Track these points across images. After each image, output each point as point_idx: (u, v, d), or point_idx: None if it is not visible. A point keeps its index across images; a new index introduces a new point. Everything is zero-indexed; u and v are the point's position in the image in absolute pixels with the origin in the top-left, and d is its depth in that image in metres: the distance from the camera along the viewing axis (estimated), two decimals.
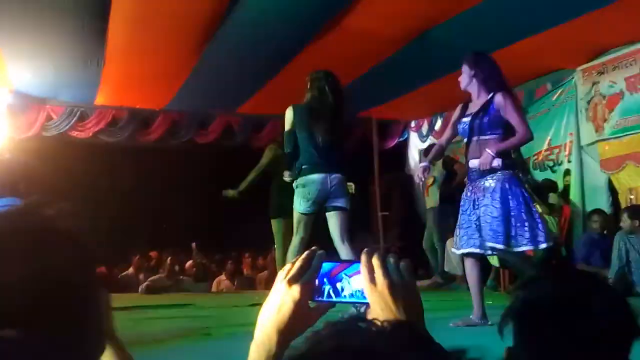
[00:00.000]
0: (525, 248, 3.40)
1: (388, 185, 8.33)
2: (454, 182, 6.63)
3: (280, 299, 0.82)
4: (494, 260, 5.75)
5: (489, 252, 3.49)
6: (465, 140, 3.64)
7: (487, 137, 3.47)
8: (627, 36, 5.40)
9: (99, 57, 5.70)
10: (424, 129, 8.40)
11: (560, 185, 6.12)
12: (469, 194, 3.59)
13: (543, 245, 3.36)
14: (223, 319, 3.78)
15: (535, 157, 6.63)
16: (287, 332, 0.80)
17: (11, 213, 0.68)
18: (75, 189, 7.31)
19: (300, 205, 3.81)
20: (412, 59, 5.74)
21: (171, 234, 8.14)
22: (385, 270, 0.81)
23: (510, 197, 3.36)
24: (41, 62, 5.89)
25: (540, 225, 3.37)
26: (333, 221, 3.83)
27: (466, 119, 3.60)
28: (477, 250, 3.45)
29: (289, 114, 3.89)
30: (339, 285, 0.86)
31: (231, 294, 6.93)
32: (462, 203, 3.63)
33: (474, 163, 3.49)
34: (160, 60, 5.86)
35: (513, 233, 3.34)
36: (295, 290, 0.81)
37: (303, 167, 3.82)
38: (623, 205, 5.56)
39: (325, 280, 0.86)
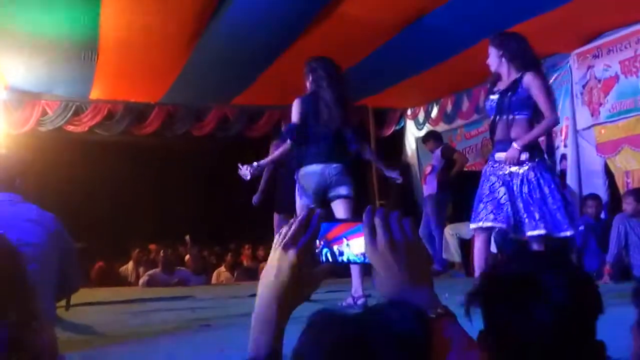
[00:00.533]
0: (567, 233, 3.34)
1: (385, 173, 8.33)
2: (452, 170, 6.64)
3: (276, 266, 0.78)
4: (493, 247, 5.77)
5: (519, 234, 3.39)
6: (492, 118, 3.58)
7: (515, 116, 3.39)
8: (621, 19, 5.39)
9: (92, 51, 5.68)
10: (421, 116, 8.39)
11: (557, 170, 6.12)
12: (496, 171, 3.43)
13: (571, 232, 3.34)
14: (223, 309, 3.80)
15: None
16: (286, 300, 0.77)
17: None
18: (72, 183, 7.32)
19: (300, 199, 3.79)
20: (408, 46, 5.73)
21: (169, 227, 8.15)
22: (387, 228, 0.77)
23: (543, 184, 3.30)
24: (35, 58, 5.86)
25: (571, 209, 3.38)
26: (338, 211, 3.72)
27: (494, 97, 3.53)
28: (500, 225, 3.34)
29: (297, 106, 3.80)
30: (338, 247, 0.81)
31: (231, 285, 6.95)
32: (486, 176, 3.48)
33: (500, 157, 3.40)
34: (154, 54, 5.84)
35: (551, 219, 3.27)
36: (292, 255, 0.78)
37: (304, 158, 3.77)
38: (620, 189, 5.57)
39: (323, 242, 0.81)
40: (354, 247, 0.81)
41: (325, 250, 0.81)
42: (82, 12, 4.93)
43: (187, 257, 7.86)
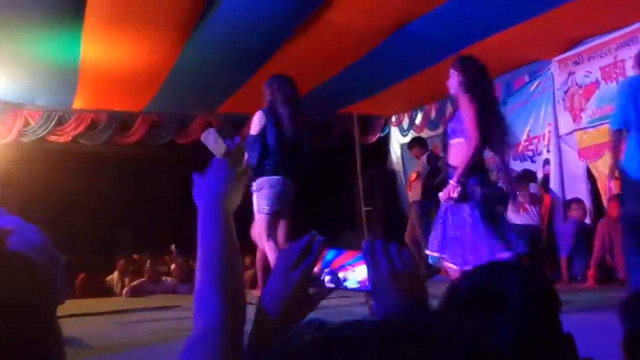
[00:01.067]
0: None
1: (371, 180, 8.37)
2: (437, 177, 6.67)
3: (280, 283, 0.83)
4: None
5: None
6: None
7: (452, 141, 3.42)
8: (602, 27, 5.48)
9: (75, 61, 5.63)
10: (405, 123, 8.44)
11: (540, 175, 6.20)
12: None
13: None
14: None
15: (515, 148, 6.70)
16: (286, 317, 0.81)
17: None
18: (55, 193, 7.24)
19: (264, 207, 3.82)
20: (391, 54, 5.77)
21: (154, 236, 8.09)
22: (388, 257, 0.82)
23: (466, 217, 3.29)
24: (16, 67, 5.80)
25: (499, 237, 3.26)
26: (280, 230, 3.92)
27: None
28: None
29: (258, 118, 3.96)
30: (341, 274, 0.87)
31: None
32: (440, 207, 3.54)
33: (439, 196, 3.44)
34: (137, 62, 5.81)
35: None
36: (295, 275, 0.83)
37: (267, 168, 3.87)
38: (602, 194, 5.65)
39: (329, 269, 0.87)
40: (357, 275, 0.87)
41: (329, 276, 0.87)
42: (65, 24, 4.90)
43: (173, 266, 7.81)
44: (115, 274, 7.58)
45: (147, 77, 6.16)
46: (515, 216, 5.84)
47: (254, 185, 3.88)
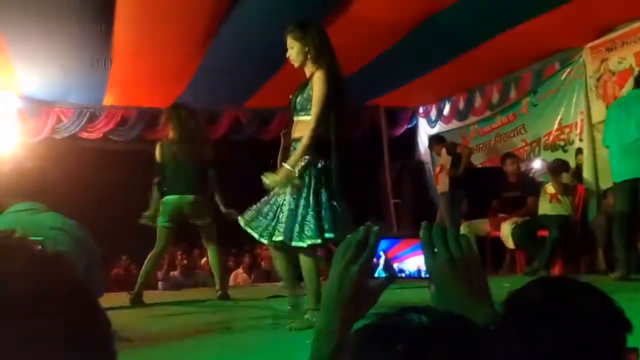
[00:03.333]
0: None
1: (399, 172, 8.33)
2: (460, 164, 6.65)
3: (339, 282, 0.81)
4: (510, 243, 5.75)
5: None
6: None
7: (300, 117, 3.19)
8: (635, 11, 5.34)
9: (105, 58, 5.72)
10: (433, 114, 8.37)
11: (573, 165, 6.08)
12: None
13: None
14: (243, 312, 3.81)
15: (546, 137, 6.60)
16: (349, 314, 0.80)
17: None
18: (87, 189, 7.37)
19: None
20: (418, 45, 5.72)
21: (186, 230, 8.17)
22: (445, 244, 0.81)
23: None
24: (49, 66, 5.91)
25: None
26: None
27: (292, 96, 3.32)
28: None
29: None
30: (397, 263, 0.86)
31: (248, 287, 6.97)
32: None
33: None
34: (166, 59, 5.88)
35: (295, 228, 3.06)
36: (354, 271, 0.81)
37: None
38: None
39: (384, 259, 0.86)
40: (413, 263, 0.86)
41: (386, 266, 0.86)
42: (96, 22, 4.97)
43: (204, 259, 7.90)
44: None
45: (175, 72, 6.22)
46: (547, 206, 5.76)
47: None
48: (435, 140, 7.28)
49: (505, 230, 5.79)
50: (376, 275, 0.86)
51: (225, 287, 4.91)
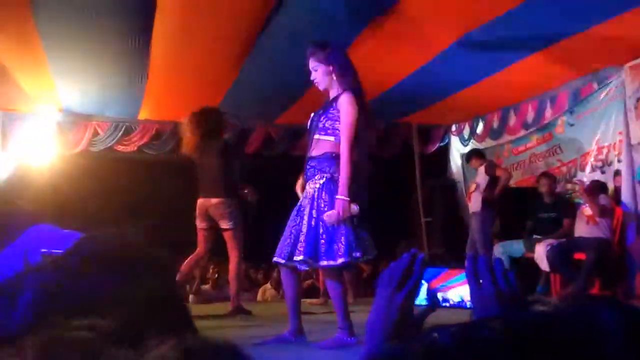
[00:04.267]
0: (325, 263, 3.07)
1: (430, 190, 8.24)
2: (496, 187, 6.52)
3: (386, 308, 0.83)
4: (544, 265, 5.62)
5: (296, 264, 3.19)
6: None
7: (322, 137, 3.18)
8: None
9: (142, 73, 5.83)
10: (466, 132, 8.28)
11: (611, 186, 5.93)
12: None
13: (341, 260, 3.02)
14: (273, 328, 3.79)
15: (583, 158, 6.46)
16: (394, 338, 0.81)
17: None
18: (122, 201, 7.48)
19: None
20: (452, 62, 5.67)
21: (217, 244, 8.22)
22: (492, 277, 0.81)
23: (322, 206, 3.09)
24: (88, 81, 6.06)
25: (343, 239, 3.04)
26: None
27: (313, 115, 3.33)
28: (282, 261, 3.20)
29: None
30: (442, 292, 0.89)
31: (277, 303, 6.95)
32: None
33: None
34: (201, 75, 5.96)
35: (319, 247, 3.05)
36: (400, 297, 0.83)
37: None
38: None
39: (428, 288, 0.89)
40: (457, 293, 0.88)
41: (429, 295, 0.88)
42: (134, 35, 5.08)
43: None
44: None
45: (210, 88, 6.30)
46: (584, 228, 5.61)
47: None
48: (475, 154, 7.04)
49: (540, 252, 5.66)
50: (417, 302, 0.87)
51: (238, 301, 4.90)
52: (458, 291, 0.83)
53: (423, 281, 0.86)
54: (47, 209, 2.39)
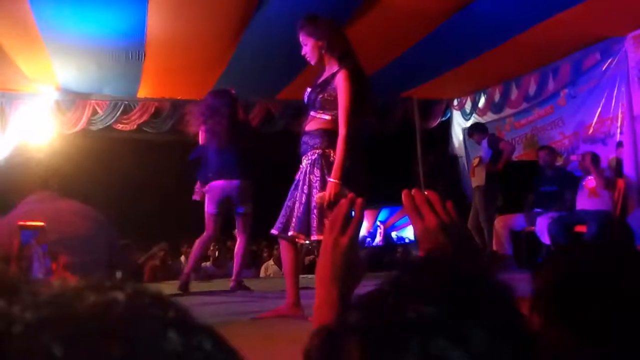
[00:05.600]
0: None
1: (432, 166, 8.21)
2: (499, 160, 6.49)
3: (330, 254, 0.84)
4: (546, 238, 5.61)
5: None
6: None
7: (318, 115, 3.14)
8: None
9: (139, 51, 5.78)
10: (467, 107, 8.22)
11: (613, 157, 5.90)
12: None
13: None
14: (272, 303, 3.80)
15: (585, 130, 6.41)
16: (344, 284, 0.82)
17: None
18: (122, 180, 7.49)
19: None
20: (453, 35, 5.60)
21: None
22: (433, 210, 0.83)
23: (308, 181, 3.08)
24: (85, 59, 6.01)
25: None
26: None
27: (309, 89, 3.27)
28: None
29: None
30: (396, 231, 0.90)
31: (279, 279, 6.98)
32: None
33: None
34: (199, 51, 5.91)
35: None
36: (343, 243, 0.84)
37: None
38: None
39: (381, 228, 0.90)
40: (407, 231, 0.89)
41: (385, 236, 0.89)
42: (130, 13, 5.02)
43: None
44: (182, 258, 7.79)
45: (208, 65, 6.25)
46: (586, 201, 5.59)
47: None
48: (478, 129, 6.98)
49: (541, 225, 5.64)
50: (375, 244, 0.89)
51: (240, 277, 4.93)
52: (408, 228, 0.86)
53: (378, 222, 0.89)
54: (49, 188, 2.39)
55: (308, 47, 3.18)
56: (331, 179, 2.97)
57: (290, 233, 3.09)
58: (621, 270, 0.73)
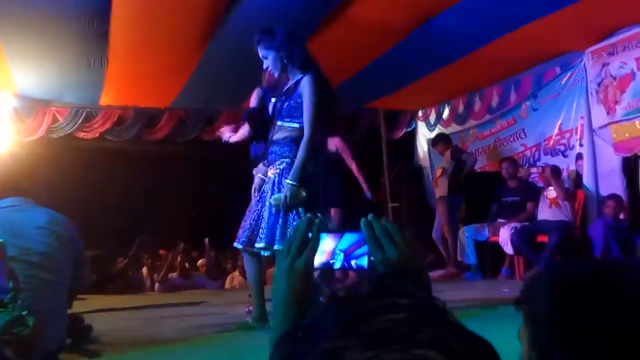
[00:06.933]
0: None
1: (397, 176, 8.27)
2: (462, 172, 6.58)
3: (287, 277, 0.83)
4: (509, 248, 5.70)
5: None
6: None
7: (285, 124, 3.14)
8: (637, 16, 5.30)
9: (102, 57, 5.67)
10: (432, 118, 8.32)
11: (573, 169, 6.04)
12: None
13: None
14: (237, 315, 3.75)
15: (546, 142, 6.55)
16: (301, 305, 0.82)
17: None
18: (83, 190, 7.32)
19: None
20: (418, 47, 5.67)
21: (182, 232, 8.13)
22: (392, 240, 0.84)
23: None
24: (45, 65, 5.86)
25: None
26: None
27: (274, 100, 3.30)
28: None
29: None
30: (355, 260, 0.88)
31: (244, 290, 6.91)
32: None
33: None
34: (164, 58, 5.82)
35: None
36: (300, 265, 0.83)
37: None
38: None
39: (341, 256, 0.89)
40: (361, 257, 0.89)
41: (346, 262, 0.89)
42: (92, 20, 4.93)
43: (200, 261, 7.84)
44: (145, 270, 7.63)
45: (173, 72, 6.17)
46: (547, 211, 5.70)
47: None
48: (441, 139, 7.04)
49: (504, 235, 5.73)
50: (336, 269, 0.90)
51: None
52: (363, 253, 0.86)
53: (339, 251, 0.88)
54: (21, 192, 2.30)
55: (270, 60, 3.18)
56: (288, 181, 2.96)
57: (259, 245, 3.04)
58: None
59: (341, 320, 0.49)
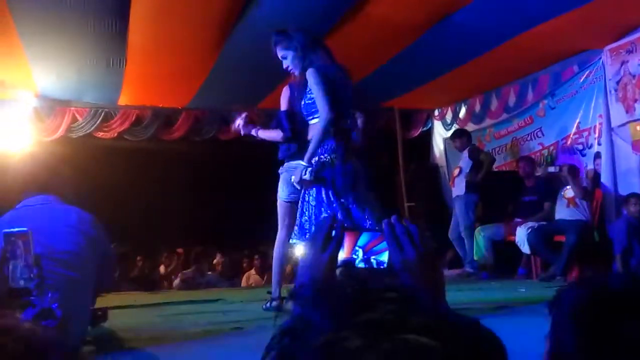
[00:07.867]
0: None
1: (413, 175, 8.25)
2: (480, 171, 6.54)
3: (312, 267, 0.87)
4: (525, 248, 5.66)
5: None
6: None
7: (312, 121, 3.22)
8: None
9: (120, 58, 5.73)
10: (448, 117, 8.29)
11: (591, 169, 5.98)
12: None
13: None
14: (253, 313, 3.78)
15: (564, 141, 6.50)
16: (319, 295, 0.84)
17: None
18: (102, 189, 7.40)
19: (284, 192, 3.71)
20: (435, 46, 5.66)
21: (199, 231, 8.19)
22: (412, 241, 0.87)
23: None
24: (65, 65, 5.94)
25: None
26: None
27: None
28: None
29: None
30: (375, 256, 0.91)
31: (260, 288, 6.94)
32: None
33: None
34: (181, 59, 5.88)
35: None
36: (324, 259, 0.87)
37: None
38: None
39: (364, 253, 0.92)
40: (383, 257, 0.92)
41: (366, 258, 0.93)
42: (111, 21, 4.99)
43: (216, 260, 7.90)
44: (162, 268, 7.71)
45: (190, 73, 6.22)
46: (564, 211, 5.66)
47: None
48: (460, 134, 6.96)
49: (521, 235, 5.70)
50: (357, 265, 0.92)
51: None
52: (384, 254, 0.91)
53: (358, 248, 0.92)
54: (49, 190, 2.32)
55: (289, 60, 3.24)
56: (301, 162, 3.04)
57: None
58: None
59: (336, 314, 0.52)
